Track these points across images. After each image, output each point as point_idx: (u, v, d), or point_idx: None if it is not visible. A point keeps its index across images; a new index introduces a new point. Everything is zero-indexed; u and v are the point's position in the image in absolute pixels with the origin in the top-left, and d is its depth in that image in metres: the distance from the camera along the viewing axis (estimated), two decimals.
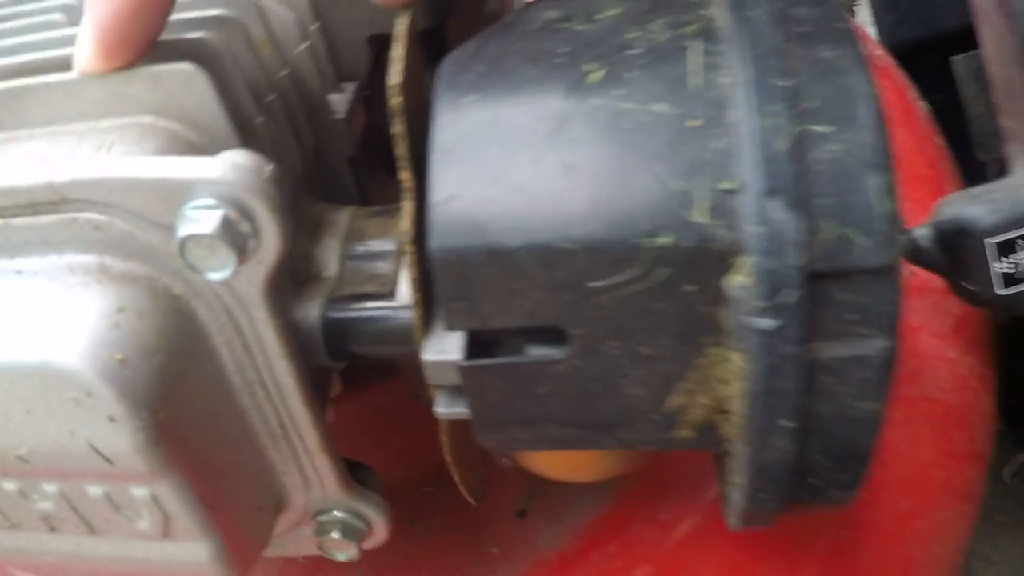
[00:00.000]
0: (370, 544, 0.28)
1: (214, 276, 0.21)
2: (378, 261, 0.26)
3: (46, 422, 0.21)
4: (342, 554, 0.28)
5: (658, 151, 0.21)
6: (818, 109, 0.21)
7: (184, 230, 0.20)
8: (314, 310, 0.25)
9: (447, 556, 0.36)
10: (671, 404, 0.23)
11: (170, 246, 0.21)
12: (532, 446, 0.25)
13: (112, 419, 0.21)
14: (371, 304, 0.25)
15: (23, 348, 0.21)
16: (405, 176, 0.23)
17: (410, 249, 0.23)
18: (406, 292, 0.25)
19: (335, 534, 0.27)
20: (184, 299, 0.22)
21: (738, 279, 0.21)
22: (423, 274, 0.24)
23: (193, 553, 0.24)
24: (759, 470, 0.22)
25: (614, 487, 0.37)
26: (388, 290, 0.25)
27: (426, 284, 0.24)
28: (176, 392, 0.21)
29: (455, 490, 0.29)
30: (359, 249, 0.26)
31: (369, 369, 0.34)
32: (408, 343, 0.24)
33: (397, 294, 0.25)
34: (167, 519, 0.23)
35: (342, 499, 0.26)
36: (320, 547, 0.28)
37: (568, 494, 0.37)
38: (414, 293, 0.23)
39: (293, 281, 0.25)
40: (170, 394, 0.21)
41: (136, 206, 0.21)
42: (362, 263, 0.26)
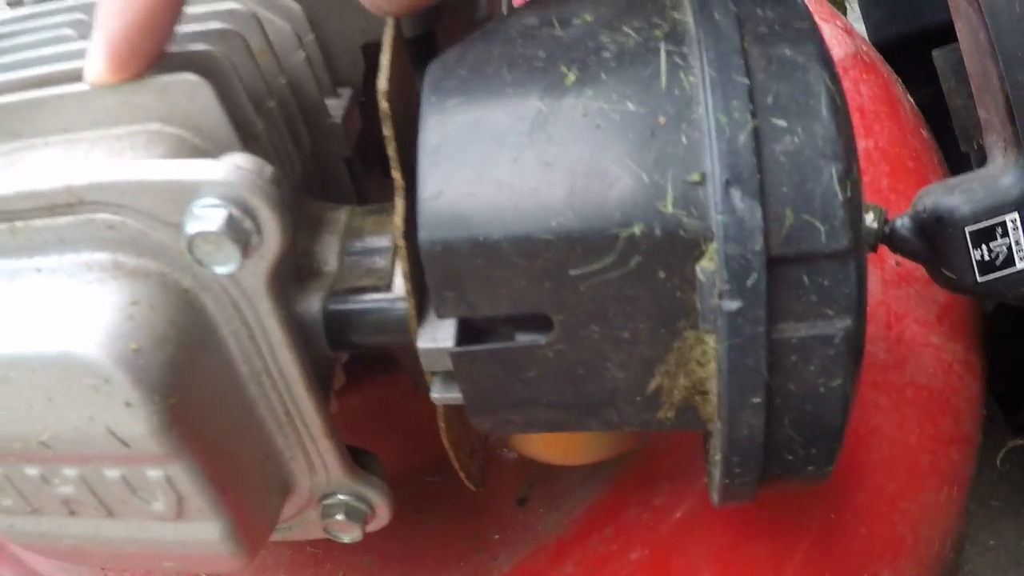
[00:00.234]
0: (373, 526, 0.29)
1: (220, 270, 0.22)
2: (375, 256, 0.27)
3: (67, 408, 0.23)
4: (347, 536, 0.29)
5: (629, 146, 0.22)
6: (777, 104, 0.22)
7: (192, 228, 0.22)
8: (315, 303, 0.26)
9: (450, 543, 0.37)
10: (652, 386, 0.25)
11: (179, 243, 0.22)
12: (524, 428, 0.26)
13: (128, 404, 0.22)
14: (369, 297, 0.26)
15: (44, 340, 0.22)
16: (396, 175, 0.24)
17: (402, 243, 0.24)
18: (401, 284, 0.26)
19: (339, 516, 0.28)
20: (193, 292, 0.24)
21: (705, 264, 0.22)
22: (415, 267, 0.25)
23: (205, 533, 0.25)
24: (733, 445, 0.24)
25: (610, 474, 0.38)
26: (385, 283, 0.26)
27: (418, 276, 0.26)
28: (187, 379, 0.23)
29: (457, 479, 0.30)
30: (357, 245, 0.28)
31: (371, 362, 0.35)
32: (404, 332, 0.26)
33: (393, 287, 0.26)
34: (180, 500, 0.24)
35: (346, 483, 0.28)
36: (326, 530, 0.29)
37: (566, 481, 0.38)
38: (406, 284, 0.25)
39: (295, 276, 0.27)
40: (181, 381, 0.23)
41: (147, 206, 0.22)
42: (360, 258, 0.27)
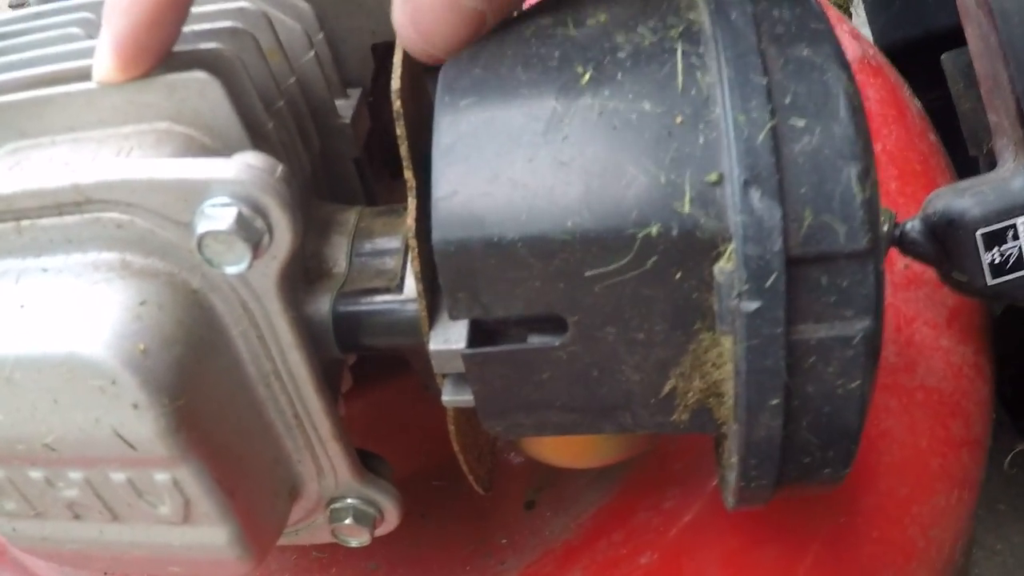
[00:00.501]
0: (382, 531, 0.29)
1: (230, 270, 0.22)
2: (385, 257, 0.27)
3: (72, 410, 0.22)
4: (355, 540, 0.29)
5: (646, 146, 0.22)
6: (794, 104, 0.22)
7: (202, 227, 0.21)
8: (325, 304, 0.26)
9: (458, 548, 0.37)
10: (667, 388, 0.24)
11: (188, 242, 0.22)
12: (536, 431, 0.26)
13: (135, 406, 0.22)
14: (379, 298, 0.26)
15: (50, 340, 0.22)
16: (408, 175, 0.24)
17: (414, 244, 0.24)
18: (412, 286, 0.26)
19: (348, 520, 0.28)
20: (202, 293, 0.23)
21: (724, 265, 0.22)
22: (427, 268, 0.25)
23: (212, 537, 0.25)
24: (750, 448, 0.23)
25: (618, 478, 0.38)
26: (395, 284, 0.26)
27: (430, 278, 0.25)
28: (195, 381, 0.23)
29: (464, 484, 0.30)
30: (367, 247, 0.27)
31: (377, 365, 0.35)
32: (415, 334, 0.25)
33: (404, 288, 0.26)
34: (187, 504, 0.24)
35: (354, 486, 0.28)
36: (334, 534, 0.29)
37: (574, 485, 0.38)
38: (418, 285, 0.24)
39: (305, 277, 0.26)
40: (190, 382, 0.23)
41: (156, 205, 0.22)
42: (370, 260, 0.27)
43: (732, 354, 0.23)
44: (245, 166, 0.22)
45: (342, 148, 0.30)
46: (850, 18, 0.74)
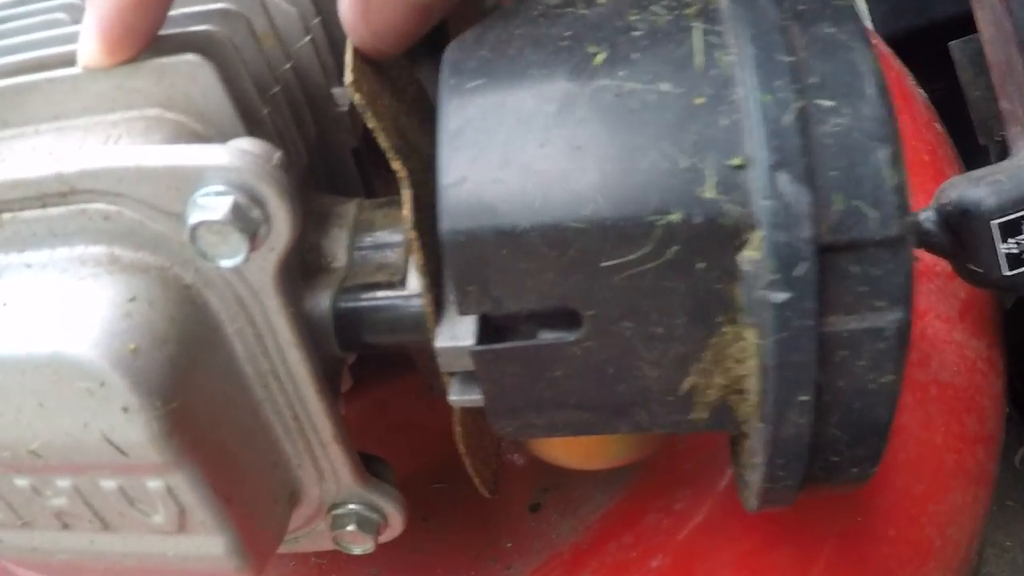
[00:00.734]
0: (386, 537, 0.28)
1: (226, 263, 0.21)
2: (386, 251, 0.26)
3: (59, 414, 0.21)
4: (358, 547, 0.28)
5: (665, 129, 0.21)
6: (822, 84, 0.21)
7: (195, 217, 0.20)
8: (325, 300, 0.25)
9: (461, 552, 0.36)
10: (686, 385, 0.23)
11: (181, 234, 0.21)
12: (547, 432, 0.25)
13: (126, 409, 0.20)
14: (381, 294, 0.25)
15: (35, 340, 0.21)
16: (397, 165, 0.23)
17: (414, 235, 0.23)
18: (415, 280, 0.25)
19: (351, 527, 0.27)
20: (195, 288, 0.22)
21: (750, 254, 0.21)
22: (431, 261, 0.24)
23: (209, 547, 0.24)
24: (777, 447, 0.22)
25: (626, 479, 0.36)
26: (398, 279, 0.25)
27: (435, 271, 0.24)
28: (189, 381, 0.21)
29: (467, 486, 0.29)
30: (367, 240, 0.26)
31: (375, 364, 0.34)
32: (420, 331, 0.24)
33: (407, 283, 0.25)
34: (182, 512, 0.23)
35: (357, 491, 0.26)
36: (336, 541, 0.28)
37: (581, 487, 0.37)
38: (422, 279, 0.23)
39: (303, 272, 0.25)
40: (183, 383, 0.21)
41: (146, 195, 0.21)
42: (371, 253, 0.26)
43: (757, 349, 0.22)
44: (240, 152, 0.20)
45: (340, 138, 0.28)
46: None
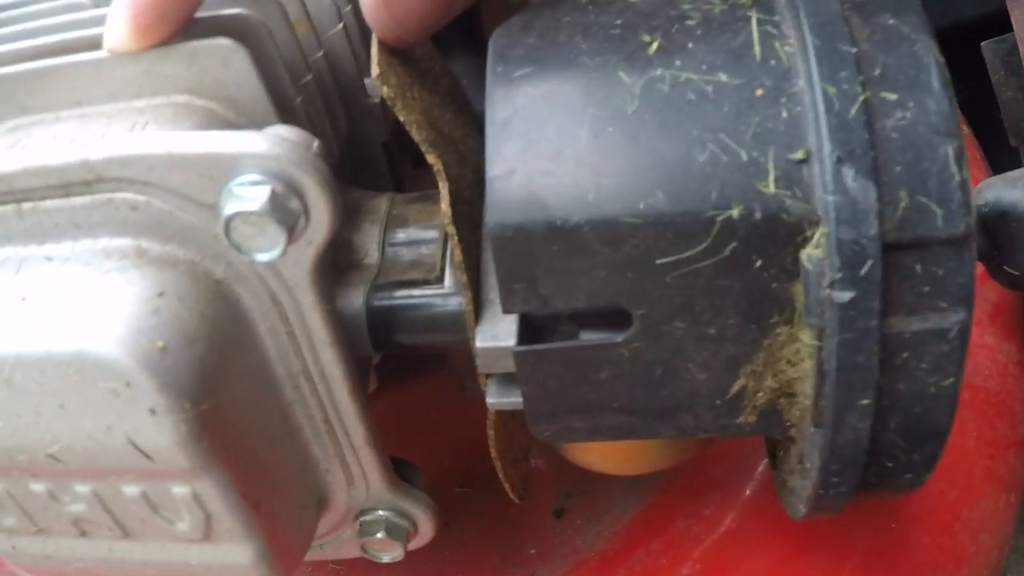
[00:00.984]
0: (415, 544, 0.27)
1: (262, 257, 0.20)
2: (421, 247, 0.25)
3: (81, 416, 0.20)
4: (387, 555, 0.27)
5: (724, 121, 0.20)
6: (885, 76, 0.20)
7: (230, 208, 0.19)
8: (358, 298, 0.23)
9: (484, 559, 0.35)
10: (735, 388, 0.22)
11: (213, 226, 0.20)
12: (588, 436, 0.24)
13: (153, 411, 0.19)
14: (417, 291, 0.24)
15: (56, 337, 0.20)
16: (432, 159, 0.22)
17: (452, 231, 0.22)
18: (453, 278, 0.24)
19: (380, 535, 0.26)
20: (226, 283, 0.21)
21: (812, 251, 0.20)
22: (471, 257, 0.23)
23: (235, 556, 0.22)
24: (834, 452, 0.21)
25: (652, 483, 0.35)
26: (434, 276, 0.24)
27: (475, 268, 0.23)
28: (220, 382, 0.20)
29: (489, 490, 0.28)
30: (400, 236, 0.25)
31: (399, 365, 0.33)
32: (457, 330, 0.23)
33: (444, 280, 0.24)
34: (208, 519, 0.22)
35: (387, 497, 0.25)
36: (364, 549, 0.27)
37: (606, 492, 0.36)
38: (462, 276, 0.22)
39: (335, 268, 0.24)
40: (213, 384, 0.20)
41: (177, 184, 0.20)
42: (404, 249, 0.25)
43: (812, 350, 0.21)
44: (278, 139, 0.19)
45: (370, 130, 0.27)
46: None
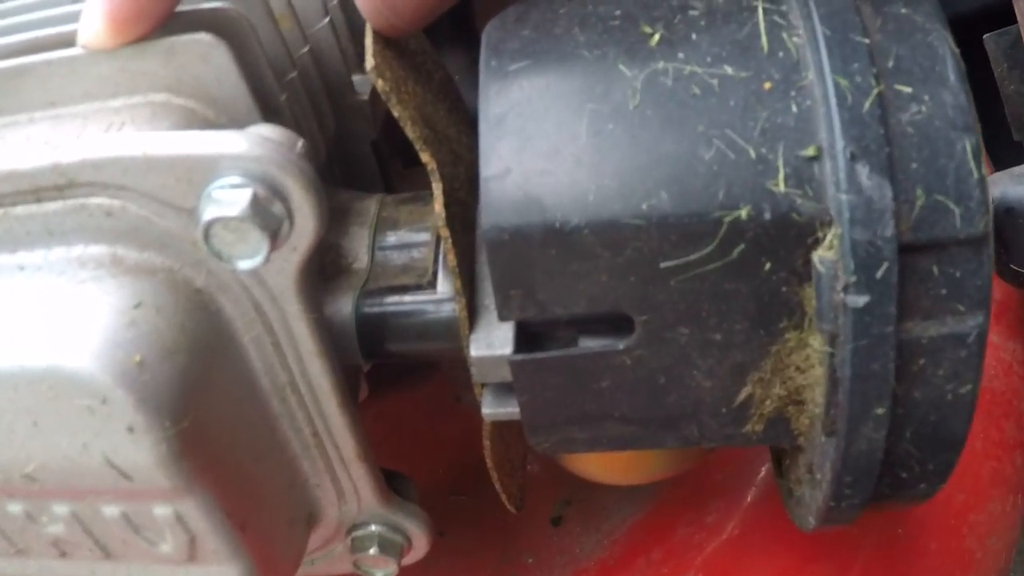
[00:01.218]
0: (410, 559, 0.26)
1: (244, 264, 0.19)
2: (412, 251, 0.24)
3: (56, 434, 0.19)
4: (380, 572, 0.26)
5: (730, 117, 0.19)
6: (899, 68, 0.19)
7: (209, 213, 0.18)
8: (347, 305, 0.22)
9: (480, 568, 0.34)
10: (742, 396, 0.21)
11: (192, 232, 0.19)
12: (588, 447, 0.23)
13: (131, 429, 0.18)
14: (409, 297, 0.23)
15: (28, 351, 0.19)
16: (426, 157, 0.21)
17: (446, 233, 0.21)
18: (446, 283, 0.23)
19: (372, 550, 0.25)
20: (207, 292, 0.20)
21: (824, 253, 0.19)
22: (465, 262, 0.22)
23: None
24: (847, 463, 0.20)
25: (652, 490, 0.35)
26: (426, 281, 0.23)
27: (469, 273, 0.22)
28: (201, 397, 0.19)
29: (484, 498, 0.27)
30: (391, 239, 0.24)
31: (389, 373, 0.32)
32: (451, 338, 0.22)
33: (437, 285, 0.23)
34: (192, 540, 0.20)
35: (379, 512, 0.24)
36: (356, 565, 0.26)
37: (605, 499, 0.35)
38: (456, 281, 0.21)
39: (322, 274, 0.23)
40: (194, 400, 0.19)
41: (153, 188, 0.19)
42: (394, 253, 0.24)
43: (822, 356, 0.20)
44: (260, 139, 0.18)
45: (359, 129, 0.26)
46: None
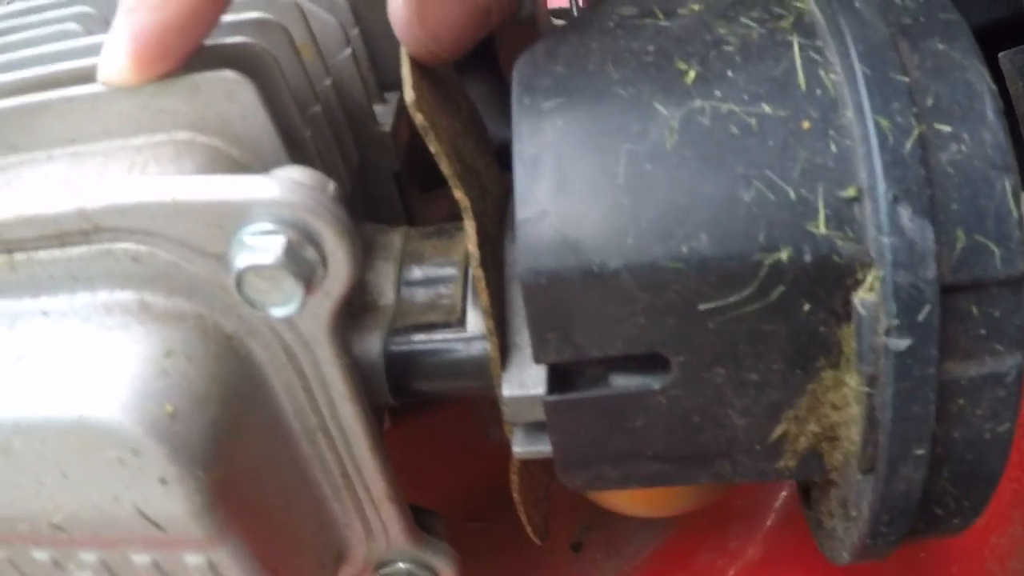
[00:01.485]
0: None
1: (278, 312, 0.18)
2: (439, 286, 0.23)
3: (85, 486, 0.18)
4: None
5: (770, 157, 0.19)
6: (939, 107, 0.19)
7: (242, 260, 0.18)
8: (375, 344, 0.22)
9: None
10: (776, 433, 0.21)
11: (222, 278, 0.18)
12: (620, 484, 0.23)
13: (163, 481, 0.18)
14: (438, 336, 0.22)
15: (55, 401, 0.18)
16: (459, 195, 0.20)
17: (479, 273, 0.21)
18: (475, 321, 0.22)
19: None
20: (237, 338, 0.19)
21: (866, 295, 0.19)
22: (497, 301, 0.21)
23: None
24: (885, 502, 0.20)
25: (673, 516, 0.34)
26: (455, 319, 0.22)
27: (500, 312, 0.22)
28: (233, 445, 0.19)
29: (503, 525, 0.27)
30: (416, 273, 0.24)
31: (413, 403, 0.31)
32: (482, 377, 0.22)
33: (466, 323, 0.22)
34: None
35: (407, 549, 0.24)
36: None
37: (625, 524, 0.34)
38: (488, 321, 0.21)
39: (348, 311, 0.22)
40: (226, 448, 0.19)
41: (182, 234, 0.18)
42: (420, 289, 0.23)
43: (859, 395, 0.20)
44: (292, 183, 0.18)
45: (382, 161, 0.26)
46: None
